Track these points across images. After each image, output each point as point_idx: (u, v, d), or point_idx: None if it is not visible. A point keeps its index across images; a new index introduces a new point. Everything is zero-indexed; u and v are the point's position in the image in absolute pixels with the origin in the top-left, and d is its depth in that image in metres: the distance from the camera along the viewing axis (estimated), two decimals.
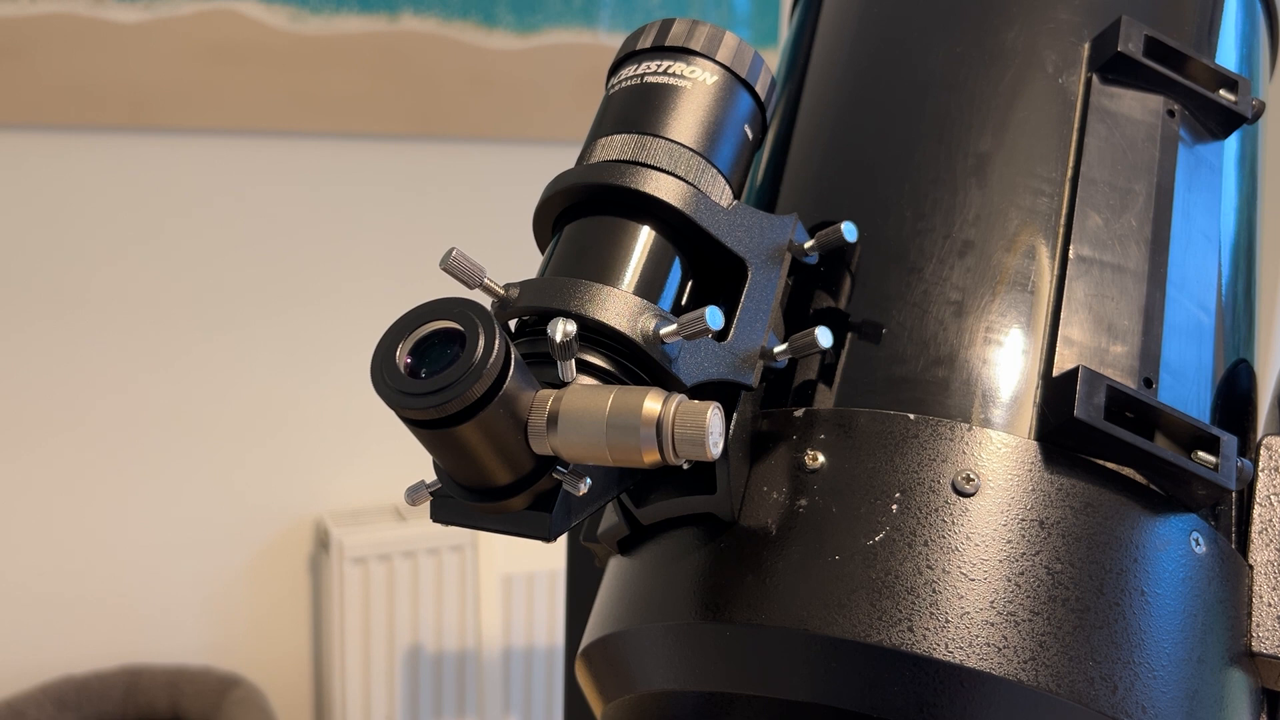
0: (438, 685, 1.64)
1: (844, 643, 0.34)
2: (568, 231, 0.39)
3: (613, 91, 0.42)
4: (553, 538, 0.34)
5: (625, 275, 0.37)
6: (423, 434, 0.31)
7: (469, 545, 1.59)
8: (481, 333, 0.29)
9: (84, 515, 1.51)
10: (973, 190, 0.42)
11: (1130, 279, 0.41)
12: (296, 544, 1.64)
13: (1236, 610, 0.39)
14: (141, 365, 1.51)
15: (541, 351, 0.35)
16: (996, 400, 0.39)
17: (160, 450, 1.54)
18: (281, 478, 1.61)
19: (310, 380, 1.59)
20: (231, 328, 1.55)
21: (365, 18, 1.53)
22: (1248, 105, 0.45)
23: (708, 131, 0.40)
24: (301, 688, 1.69)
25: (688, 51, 0.41)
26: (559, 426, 0.31)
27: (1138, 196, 0.42)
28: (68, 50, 1.40)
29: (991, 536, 0.36)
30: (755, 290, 0.39)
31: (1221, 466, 0.37)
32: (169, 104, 1.46)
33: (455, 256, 0.34)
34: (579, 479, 0.32)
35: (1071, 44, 0.45)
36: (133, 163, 1.47)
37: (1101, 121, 0.43)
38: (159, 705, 1.48)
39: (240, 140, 1.52)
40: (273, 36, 1.48)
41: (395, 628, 1.58)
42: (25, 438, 1.47)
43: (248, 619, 1.63)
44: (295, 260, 1.57)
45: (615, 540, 0.44)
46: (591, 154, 0.40)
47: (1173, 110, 0.44)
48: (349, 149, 1.58)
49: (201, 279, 1.53)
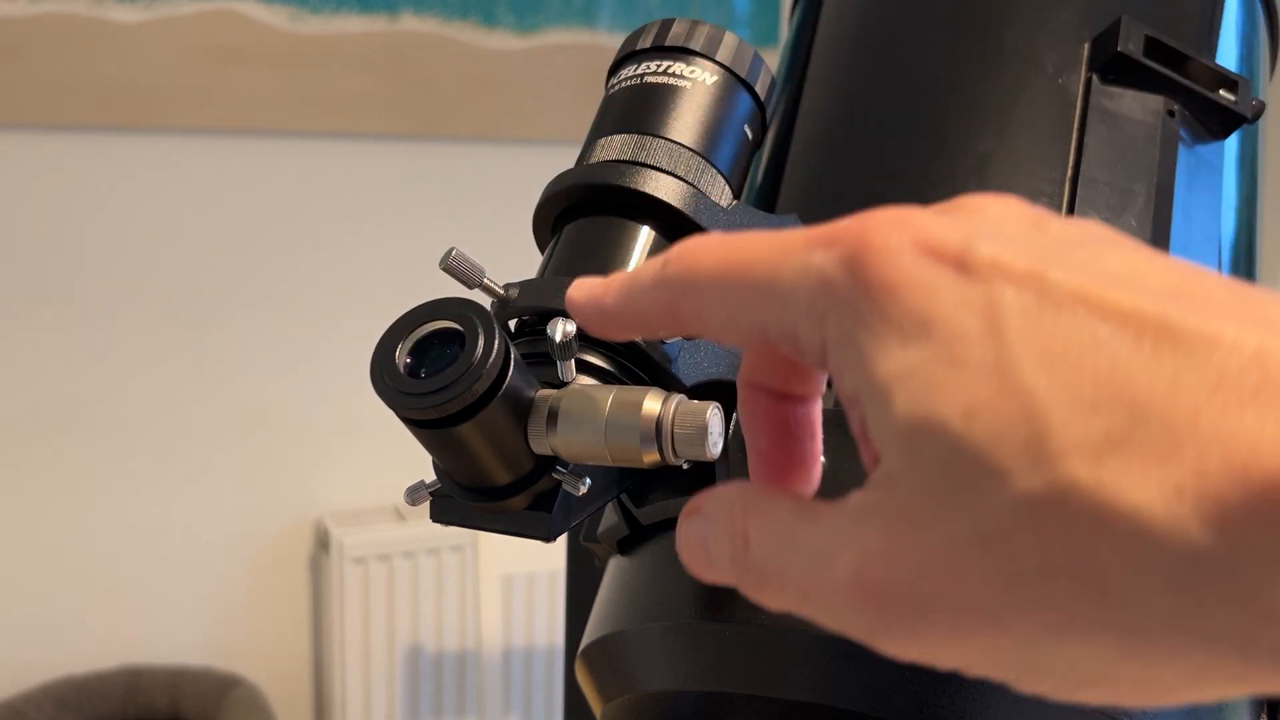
0: (438, 685, 1.64)
1: (844, 642, 0.34)
2: (568, 231, 0.39)
3: (612, 91, 0.42)
4: (552, 538, 0.34)
5: None
6: (422, 434, 0.31)
7: (469, 545, 1.59)
8: (481, 333, 0.29)
9: (84, 515, 1.51)
10: (973, 190, 0.42)
11: None
12: (296, 544, 1.64)
13: None
14: (141, 365, 1.51)
15: (541, 351, 0.35)
16: None
17: (160, 450, 1.54)
18: (281, 478, 1.61)
19: (310, 380, 1.59)
20: (231, 327, 1.55)
21: (365, 18, 1.53)
22: (1248, 105, 0.45)
23: (707, 131, 0.40)
24: (301, 688, 1.69)
25: (687, 51, 0.41)
26: (559, 426, 0.31)
27: (1138, 196, 0.42)
28: (67, 50, 1.40)
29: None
30: None
31: None
32: (169, 104, 1.46)
33: (455, 256, 0.34)
34: (579, 479, 0.32)
35: (1071, 44, 0.45)
36: (132, 163, 1.47)
37: (1101, 121, 0.43)
38: (159, 705, 1.48)
39: (240, 140, 1.52)
40: (272, 36, 1.48)
41: (395, 628, 1.58)
42: (25, 438, 1.47)
43: (248, 619, 1.63)
44: (295, 260, 1.57)
45: (615, 540, 0.44)
46: (591, 154, 0.40)
47: (1173, 110, 0.44)
48: (349, 149, 1.58)
49: (201, 279, 1.53)
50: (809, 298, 0.22)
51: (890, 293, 0.21)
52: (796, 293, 0.22)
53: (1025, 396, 0.19)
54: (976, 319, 0.20)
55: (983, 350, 0.20)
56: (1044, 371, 0.19)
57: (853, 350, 0.21)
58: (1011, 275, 0.20)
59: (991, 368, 0.19)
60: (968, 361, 0.20)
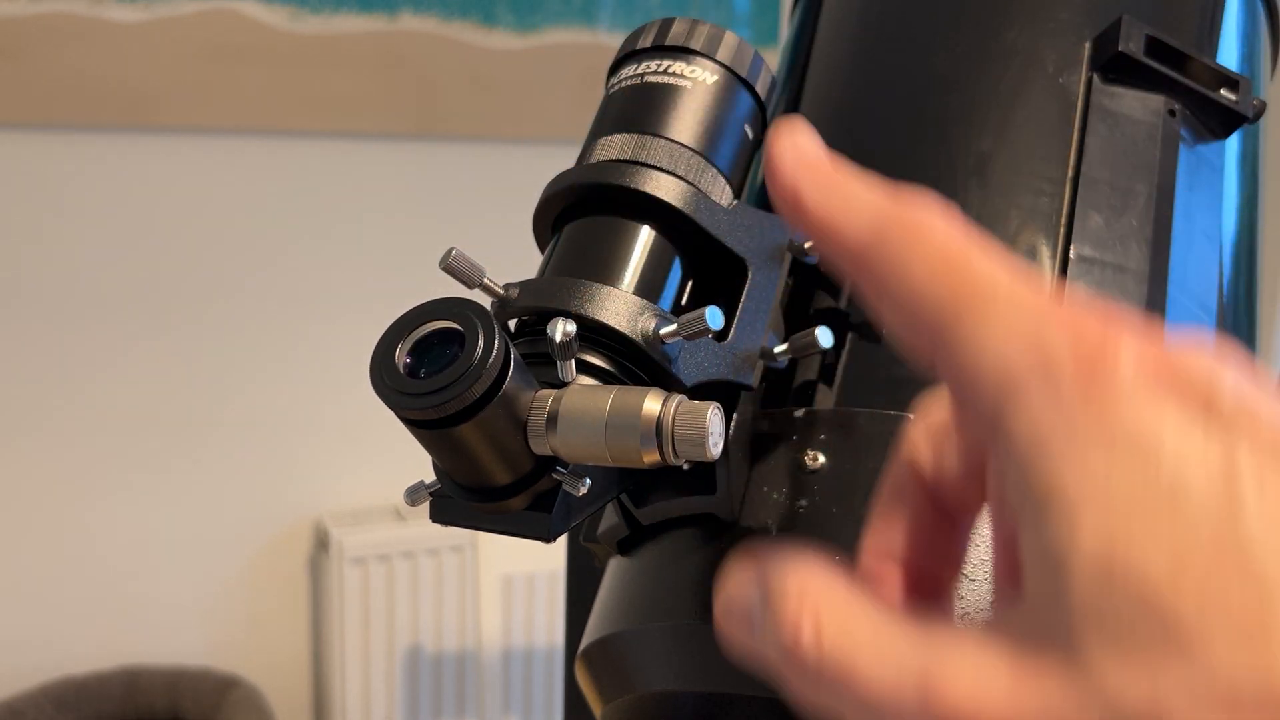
0: (438, 685, 1.63)
1: None
2: (567, 231, 0.39)
3: (612, 91, 0.42)
4: (552, 538, 0.33)
5: (625, 275, 0.37)
6: (422, 434, 0.31)
7: (469, 545, 1.59)
8: (481, 333, 0.29)
9: (83, 515, 1.51)
10: (973, 190, 0.42)
11: (1131, 279, 0.40)
12: (296, 544, 1.64)
13: None
14: (141, 365, 1.51)
15: (541, 351, 0.35)
16: None
17: (160, 450, 1.54)
18: (281, 478, 1.61)
19: (310, 380, 1.59)
20: (231, 327, 1.55)
21: (365, 17, 1.53)
22: (1249, 105, 0.45)
23: (708, 131, 0.40)
24: (301, 688, 1.69)
25: (688, 51, 0.41)
26: (558, 426, 0.31)
27: (1139, 196, 0.42)
28: (67, 50, 1.39)
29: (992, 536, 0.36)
30: (755, 290, 0.39)
31: None
32: (168, 104, 1.46)
33: (455, 256, 0.34)
34: (579, 479, 0.32)
35: (1072, 43, 0.45)
36: (131, 162, 1.47)
37: (1102, 121, 0.43)
38: (158, 706, 1.48)
39: (240, 140, 1.52)
40: (272, 36, 1.48)
41: (395, 628, 1.58)
42: (24, 438, 1.47)
43: (247, 619, 1.63)
44: (295, 260, 1.57)
45: (615, 540, 0.43)
46: (591, 154, 0.40)
47: (1174, 110, 0.44)
48: (348, 149, 1.58)
49: (201, 278, 1.53)
50: (1018, 354, 0.19)
51: (1118, 399, 0.18)
52: (1009, 336, 0.19)
53: (1254, 577, 0.16)
54: (1209, 465, 0.17)
55: (1208, 504, 0.17)
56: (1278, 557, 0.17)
57: (1037, 442, 0.18)
58: (1260, 431, 0.18)
59: (1216, 528, 0.17)
60: (1188, 509, 0.17)
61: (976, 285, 0.20)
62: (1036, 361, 0.19)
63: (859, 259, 0.22)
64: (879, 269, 0.22)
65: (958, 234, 0.22)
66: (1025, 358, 0.19)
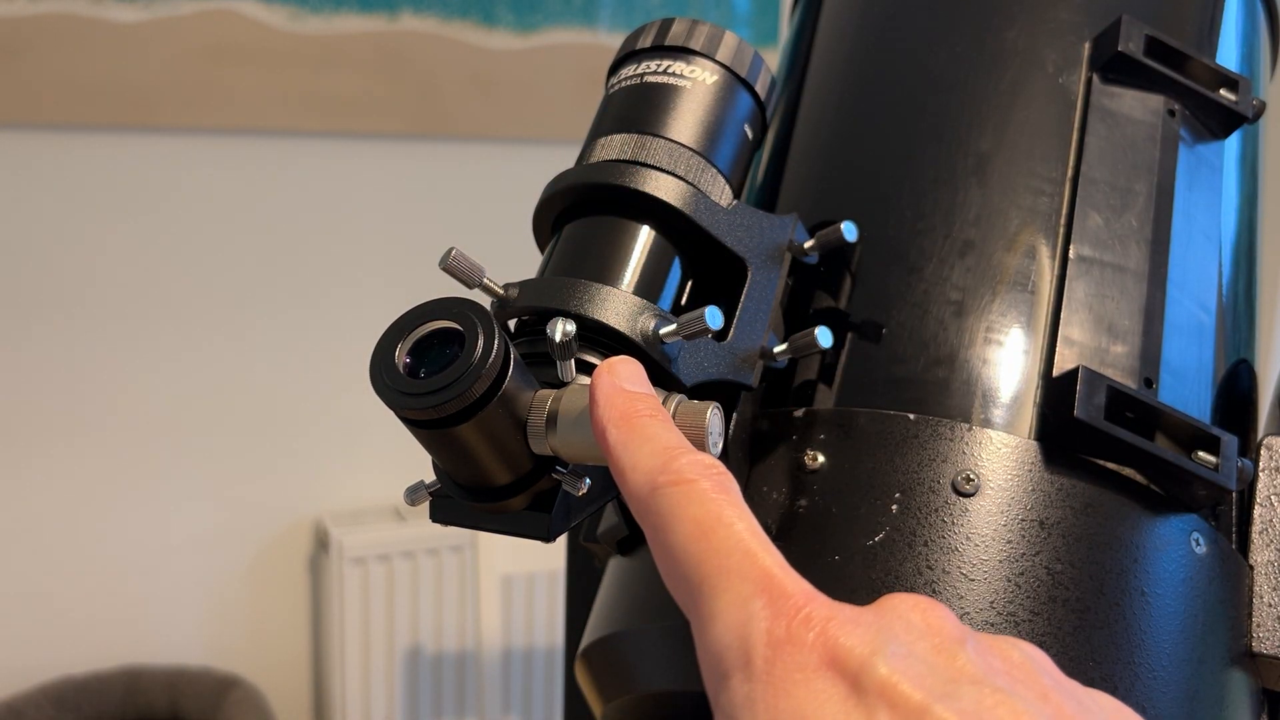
0: (438, 685, 1.63)
1: None
2: (567, 231, 0.39)
3: (612, 91, 0.42)
4: (552, 538, 0.33)
5: (625, 275, 0.37)
6: (422, 434, 0.31)
7: (469, 545, 1.59)
8: (481, 332, 0.29)
9: (83, 515, 1.51)
10: (973, 190, 0.42)
11: (1131, 279, 0.40)
12: (296, 544, 1.64)
13: (1237, 611, 0.38)
14: (141, 365, 1.51)
15: (541, 351, 0.35)
16: (997, 400, 0.39)
17: (160, 450, 1.54)
18: (281, 478, 1.61)
19: (310, 380, 1.59)
20: (231, 327, 1.55)
21: (364, 17, 1.53)
22: (1248, 105, 0.45)
23: (708, 131, 0.40)
24: (301, 688, 1.69)
25: (688, 51, 0.41)
26: (558, 426, 0.31)
27: (1138, 196, 0.42)
28: (67, 50, 1.39)
29: (991, 537, 0.36)
30: (755, 290, 0.39)
31: (1222, 466, 0.37)
32: (168, 104, 1.46)
33: (455, 256, 0.34)
34: (578, 479, 0.32)
35: (1072, 43, 0.45)
36: (132, 162, 1.47)
37: (1102, 121, 0.43)
38: (158, 706, 1.48)
39: (240, 140, 1.52)
40: (272, 36, 1.48)
41: (395, 628, 1.58)
42: (24, 438, 1.47)
43: (247, 619, 1.63)
44: (295, 260, 1.57)
45: (615, 540, 0.43)
46: (591, 154, 0.40)
47: (1173, 110, 0.44)
48: (348, 149, 1.58)
49: (201, 279, 1.53)
50: (729, 646, 0.23)
51: (791, 687, 0.22)
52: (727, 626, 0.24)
53: None
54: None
55: None
56: None
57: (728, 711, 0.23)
58: (898, 706, 0.21)
59: None
60: None
61: (717, 557, 0.24)
62: (740, 653, 0.23)
63: (638, 507, 0.26)
64: (652, 521, 0.26)
65: (716, 499, 0.25)
66: (732, 651, 0.23)
